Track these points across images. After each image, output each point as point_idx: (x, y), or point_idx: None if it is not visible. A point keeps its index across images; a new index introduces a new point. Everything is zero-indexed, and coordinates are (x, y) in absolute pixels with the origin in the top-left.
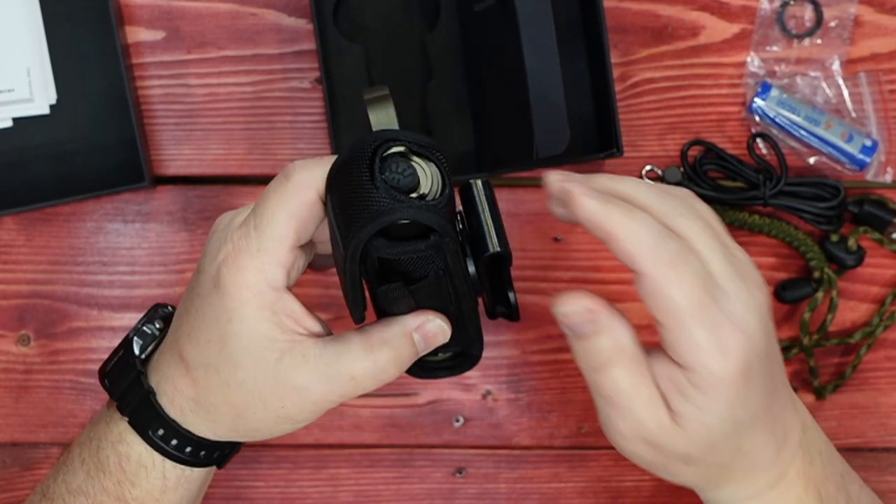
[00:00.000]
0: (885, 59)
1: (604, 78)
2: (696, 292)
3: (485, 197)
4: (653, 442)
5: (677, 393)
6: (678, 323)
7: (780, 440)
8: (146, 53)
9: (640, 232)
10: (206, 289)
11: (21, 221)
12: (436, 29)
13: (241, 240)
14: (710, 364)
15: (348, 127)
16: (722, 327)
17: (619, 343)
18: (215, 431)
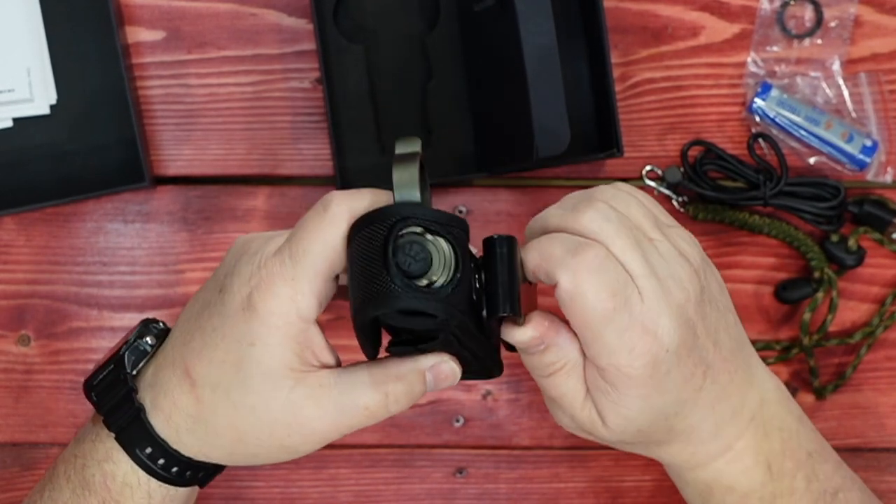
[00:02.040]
0: (886, 60)
1: (604, 78)
2: (608, 300)
3: (505, 255)
4: (591, 433)
5: (598, 392)
6: (592, 331)
7: (723, 416)
8: (146, 53)
9: (551, 250)
10: (232, 309)
11: (21, 221)
12: (436, 29)
13: (276, 266)
14: (619, 364)
15: (348, 127)
16: (630, 330)
17: (562, 357)
18: (209, 454)
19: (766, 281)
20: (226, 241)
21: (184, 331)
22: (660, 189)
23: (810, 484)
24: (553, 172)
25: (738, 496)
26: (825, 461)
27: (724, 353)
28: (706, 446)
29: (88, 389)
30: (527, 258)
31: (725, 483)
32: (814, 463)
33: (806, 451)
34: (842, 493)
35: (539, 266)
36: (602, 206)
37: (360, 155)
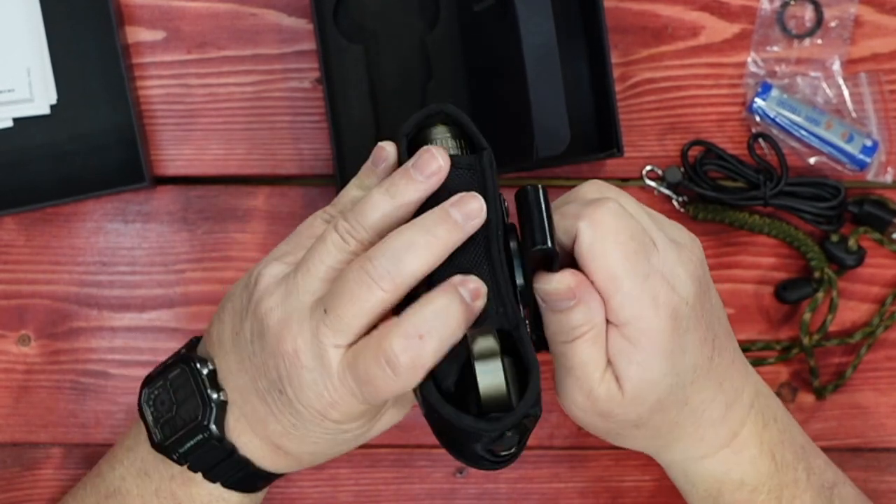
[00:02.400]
0: (886, 60)
1: (604, 78)
2: (628, 243)
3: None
4: (605, 413)
5: (619, 355)
6: (615, 280)
7: (729, 397)
8: (146, 53)
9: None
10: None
11: (21, 221)
12: (436, 29)
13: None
14: (642, 314)
15: (348, 127)
16: (652, 278)
17: (590, 318)
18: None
19: (766, 281)
20: (226, 242)
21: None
22: (660, 189)
23: (810, 477)
24: (553, 172)
25: (748, 491)
26: (817, 456)
27: (726, 334)
28: (715, 429)
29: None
30: None
31: (735, 477)
32: (808, 456)
33: (799, 444)
34: (837, 488)
35: (558, 227)
36: (597, 182)
37: (360, 155)
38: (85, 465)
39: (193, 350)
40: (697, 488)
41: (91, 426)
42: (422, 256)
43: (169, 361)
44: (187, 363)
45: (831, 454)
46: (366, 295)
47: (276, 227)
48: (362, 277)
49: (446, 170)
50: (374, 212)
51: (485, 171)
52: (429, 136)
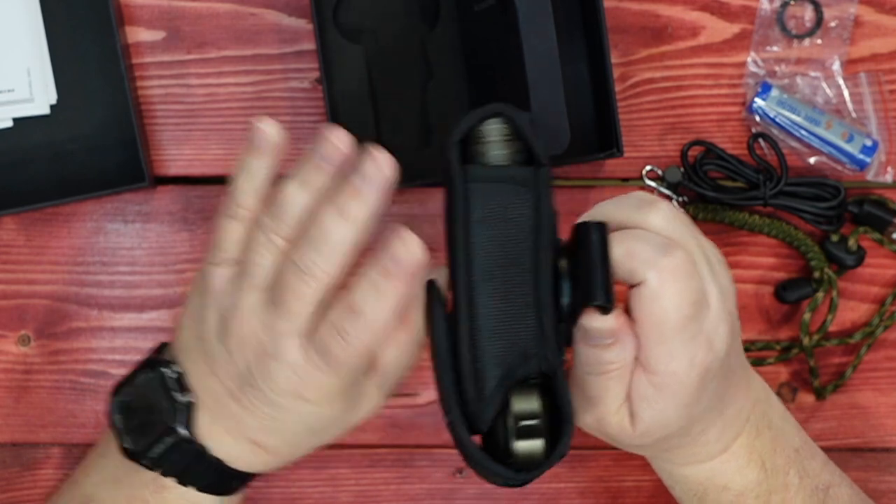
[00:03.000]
0: (886, 60)
1: (604, 78)
2: (688, 308)
3: (599, 243)
4: (610, 437)
5: (640, 397)
6: (662, 335)
7: (728, 420)
8: (146, 53)
9: (639, 247)
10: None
11: (21, 221)
12: (436, 29)
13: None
14: (677, 371)
15: (348, 127)
16: (696, 340)
17: (622, 357)
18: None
19: (766, 281)
20: None
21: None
22: (660, 189)
23: (802, 480)
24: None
25: (734, 495)
26: (812, 457)
27: (738, 357)
28: (708, 448)
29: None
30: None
31: (720, 482)
32: (802, 459)
33: (793, 448)
34: (832, 489)
35: (623, 262)
36: (666, 207)
37: None
38: None
39: (159, 354)
40: (681, 487)
41: (91, 426)
42: (342, 239)
43: (136, 368)
44: (154, 368)
45: (831, 454)
46: (302, 287)
47: None
48: (295, 271)
49: (347, 144)
50: (292, 208)
51: (540, 191)
52: (480, 135)
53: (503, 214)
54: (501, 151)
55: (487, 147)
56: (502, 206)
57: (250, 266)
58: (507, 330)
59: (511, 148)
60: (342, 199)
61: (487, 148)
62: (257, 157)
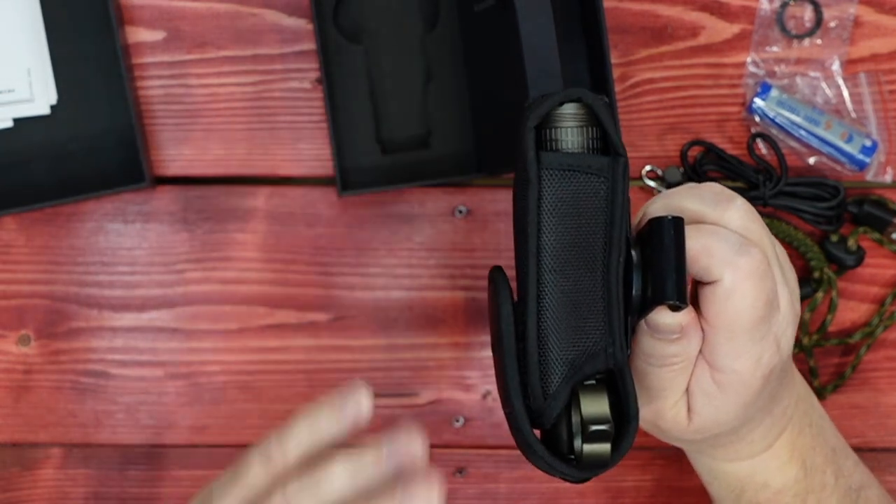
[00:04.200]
0: (885, 60)
1: (604, 78)
2: (762, 308)
3: (674, 240)
4: (663, 430)
5: (701, 393)
6: (732, 333)
7: (776, 418)
8: (146, 53)
9: (715, 244)
10: None
11: (21, 221)
12: (436, 29)
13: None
14: (743, 370)
15: (348, 127)
16: (765, 340)
17: (687, 351)
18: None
19: None
20: (226, 242)
21: None
22: (660, 189)
23: (838, 480)
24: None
25: (772, 492)
26: (847, 457)
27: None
28: (753, 445)
29: None
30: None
31: (760, 480)
32: (838, 458)
33: (831, 447)
34: (864, 491)
35: (699, 259)
36: (743, 205)
37: (360, 155)
38: (85, 466)
39: None
40: (720, 483)
41: (91, 426)
42: None
43: None
44: None
45: None
46: None
47: (276, 227)
48: None
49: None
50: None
51: (616, 182)
52: (555, 119)
53: (577, 204)
54: (577, 138)
55: (563, 133)
56: (576, 196)
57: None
58: (575, 324)
59: (587, 134)
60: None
61: (563, 133)
62: (333, 419)
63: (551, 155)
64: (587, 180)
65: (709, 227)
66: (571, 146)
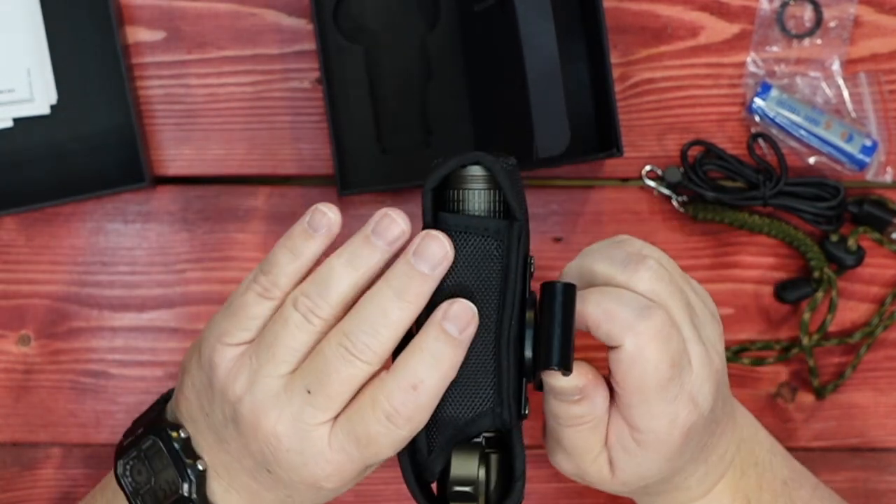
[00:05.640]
0: (885, 60)
1: (604, 78)
2: (667, 370)
3: (562, 306)
4: (590, 483)
5: (621, 449)
6: (642, 396)
7: (712, 466)
8: (146, 53)
9: (616, 310)
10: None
11: (21, 221)
12: (436, 29)
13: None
14: (659, 430)
15: (348, 127)
16: (678, 400)
17: (593, 411)
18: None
19: (765, 281)
20: (226, 241)
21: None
22: (660, 189)
23: None
24: (553, 172)
25: None
26: (800, 486)
27: (724, 407)
28: (690, 492)
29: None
30: (586, 312)
31: None
32: (790, 490)
33: (781, 481)
34: None
35: (600, 324)
36: (654, 265)
37: (360, 155)
38: (85, 466)
39: (163, 413)
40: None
41: (91, 426)
42: (398, 321)
43: (139, 430)
44: (158, 433)
45: (831, 454)
46: (350, 370)
47: (276, 227)
48: (343, 355)
49: (408, 234)
50: (337, 287)
51: (511, 246)
52: (459, 180)
53: (473, 265)
54: (480, 200)
55: (465, 194)
56: (472, 258)
57: (277, 347)
58: (466, 383)
59: (492, 197)
60: (401, 279)
61: (465, 195)
62: (308, 239)
63: (449, 216)
64: (483, 242)
65: (613, 290)
66: (474, 208)
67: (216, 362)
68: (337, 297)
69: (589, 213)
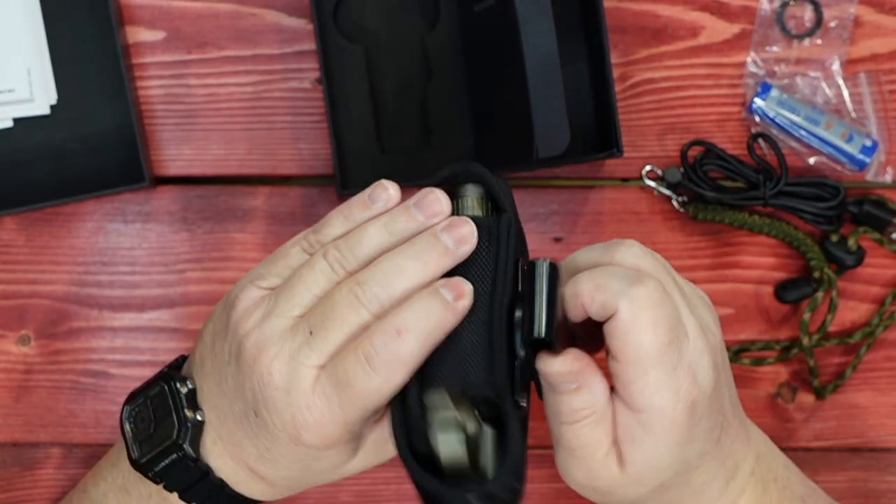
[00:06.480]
0: (885, 60)
1: (604, 78)
2: (664, 335)
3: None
4: (604, 490)
5: (629, 440)
6: (641, 367)
7: (730, 472)
8: (146, 53)
9: (607, 280)
10: (281, 438)
11: (21, 221)
12: (436, 29)
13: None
14: (662, 405)
15: (348, 127)
16: (678, 370)
17: (592, 402)
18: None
19: (765, 281)
20: (226, 241)
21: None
22: (660, 189)
23: None
24: (553, 172)
25: None
26: (816, 502)
27: (733, 407)
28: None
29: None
30: (579, 290)
31: None
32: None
33: (799, 497)
34: None
35: (593, 297)
36: (634, 244)
37: (360, 155)
38: (85, 466)
39: (177, 368)
40: None
41: (91, 426)
42: (411, 280)
43: (151, 379)
44: (167, 381)
45: (831, 454)
46: (354, 318)
47: (276, 227)
48: (352, 301)
49: (448, 212)
50: (368, 244)
51: (500, 237)
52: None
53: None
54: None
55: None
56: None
57: (296, 290)
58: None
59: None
60: (424, 245)
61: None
62: (364, 209)
63: None
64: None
65: (603, 267)
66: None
67: (240, 299)
68: (366, 253)
69: (589, 213)
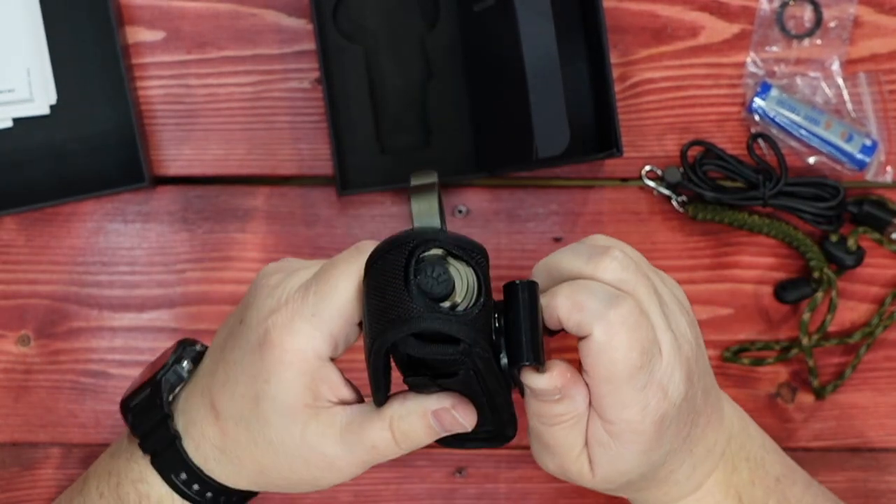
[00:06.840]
0: (885, 60)
1: (604, 78)
2: (637, 358)
3: (528, 301)
4: (575, 482)
5: (597, 444)
6: (613, 385)
7: (699, 458)
8: (146, 53)
9: (584, 299)
10: (250, 344)
11: (21, 221)
12: (436, 29)
13: (297, 302)
14: (630, 419)
15: (348, 127)
16: (649, 388)
17: (573, 408)
18: (236, 482)
19: (765, 281)
20: (226, 242)
21: (212, 360)
22: (659, 189)
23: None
24: (553, 172)
25: None
26: (794, 483)
27: (707, 398)
28: (680, 486)
29: (125, 410)
30: (556, 305)
31: None
32: (783, 487)
33: (773, 477)
34: None
35: (570, 315)
36: (619, 255)
37: (360, 155)
38: (84, 466)
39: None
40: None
41: (91, 426)
42: None
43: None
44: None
45: (831, 454)
46: None
47: (276, 227)
48: None
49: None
50: None
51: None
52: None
53: None
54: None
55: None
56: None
57: None
58: None
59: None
60: None
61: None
62: None
63: None
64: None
65: (581, 282)
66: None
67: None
68: None
69: (589, 213)
